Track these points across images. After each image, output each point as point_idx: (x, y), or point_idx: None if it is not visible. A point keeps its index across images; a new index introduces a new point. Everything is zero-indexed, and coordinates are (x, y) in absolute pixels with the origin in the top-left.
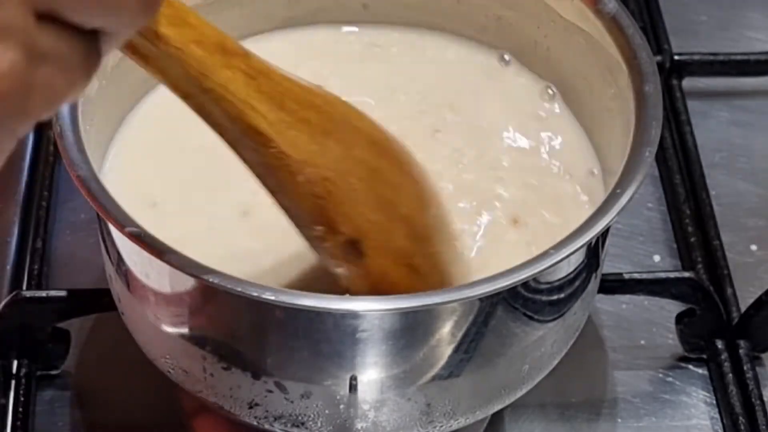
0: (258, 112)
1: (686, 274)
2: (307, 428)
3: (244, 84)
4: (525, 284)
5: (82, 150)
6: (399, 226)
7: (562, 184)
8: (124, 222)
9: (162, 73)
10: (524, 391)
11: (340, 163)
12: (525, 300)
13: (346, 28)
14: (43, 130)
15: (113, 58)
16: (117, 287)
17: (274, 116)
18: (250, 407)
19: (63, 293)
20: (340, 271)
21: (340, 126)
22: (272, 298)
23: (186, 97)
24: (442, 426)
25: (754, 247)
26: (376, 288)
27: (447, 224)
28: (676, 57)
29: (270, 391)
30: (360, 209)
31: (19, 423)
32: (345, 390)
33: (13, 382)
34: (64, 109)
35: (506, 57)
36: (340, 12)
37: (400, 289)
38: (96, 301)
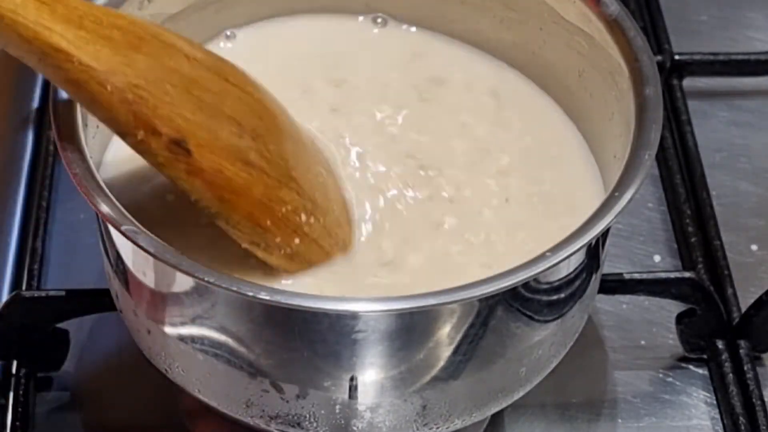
0: (54, 31)
1: (686, 274)
2: (303, 428)
3: (35, 9)
4: (525, 285)
5: (80, 148)
6: (224, 126)
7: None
8: (121, 220)
9: None
10: (521, 393)
11: (150, 72)
12: (524, 301)
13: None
14: (42, 130)
15: None
16: (115, 285)
17: (71, 35)
18: (246, 406)
19: (62, 293)
20: (173, 173)
21: (148, 42)
22: (267, 297)
23: None
24: (438, 427)
25: (754, 247)
26: (212, 184)
27: (294, 132)
28: (676, 57)
29: (266, 391)
30: (176, 111)
31: (19, 423)
32: (341, 391)
33: (13, 382)
34: (64, 106)
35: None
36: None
37: (236, 184)
38: (95, 301)
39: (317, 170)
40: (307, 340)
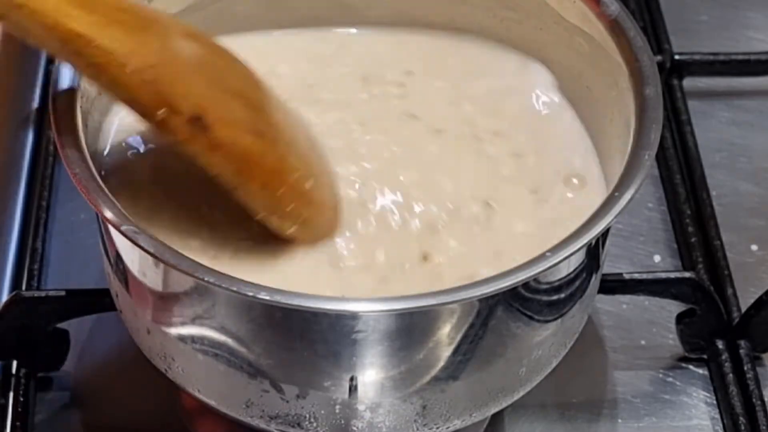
0: (71, 16)
1: (686, 274)
2: (303, 428)
3: None
4: (525, 285)
5: (80, 148)
6: (233, 100)
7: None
8: (121, 220)
9: None
10: (521, 394)
11: (162, 52)
12: (524, 301)
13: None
14: (42, 130)
15: None
16: (115, 285)
17: (88, 19)
18: (246, 406)
19: (62, 293)
20: (194, 149)
21: (153, 23)
22: (267, 297)
23: (1, 17)
24: (438, 427)
25: (754, 247)
26: (230, 156)
27: (284, 110)
28: (676, 57)
29: (266, 391)
30: (193, 88)
31: (19, 423)
32: (341, 391)
33: (13, 382)
34: (64, 106)
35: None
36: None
37: (251, 155)
38: (95, 301)
39: (306, 140)
40: (307, 340)
